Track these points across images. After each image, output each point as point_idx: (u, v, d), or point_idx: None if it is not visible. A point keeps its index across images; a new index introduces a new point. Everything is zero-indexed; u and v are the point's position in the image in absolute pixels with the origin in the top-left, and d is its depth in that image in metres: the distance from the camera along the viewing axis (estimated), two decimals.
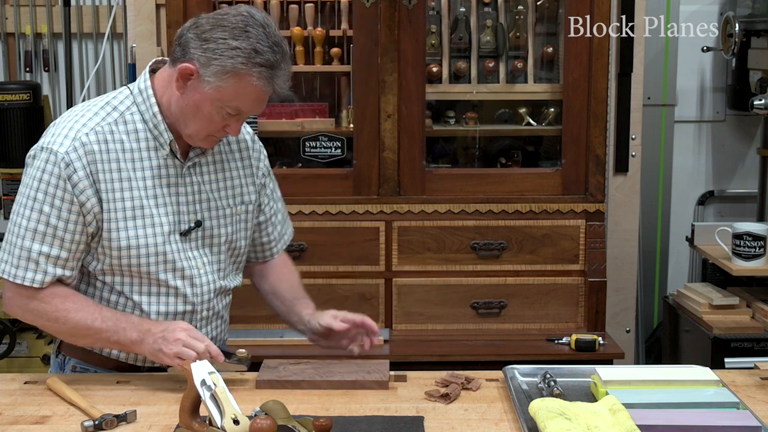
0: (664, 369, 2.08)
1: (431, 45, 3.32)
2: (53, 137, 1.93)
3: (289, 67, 1.92)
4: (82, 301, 1.97)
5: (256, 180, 2.17)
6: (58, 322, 1.96)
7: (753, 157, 3.88)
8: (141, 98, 1.99)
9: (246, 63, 1.86)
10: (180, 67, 1.90)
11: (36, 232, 1.92)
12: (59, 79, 3.77)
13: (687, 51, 3.87)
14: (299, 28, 3.34)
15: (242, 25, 1.87)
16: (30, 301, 1.95)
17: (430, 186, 3.20)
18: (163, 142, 1.98)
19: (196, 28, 1.90)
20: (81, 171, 1.91)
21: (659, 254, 3.97)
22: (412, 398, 1.92)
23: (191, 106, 1.93)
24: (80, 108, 2.00)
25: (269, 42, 1.87)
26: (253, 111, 1.98)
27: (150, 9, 3.33)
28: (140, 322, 1.97)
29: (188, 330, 1.94)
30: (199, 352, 1.90)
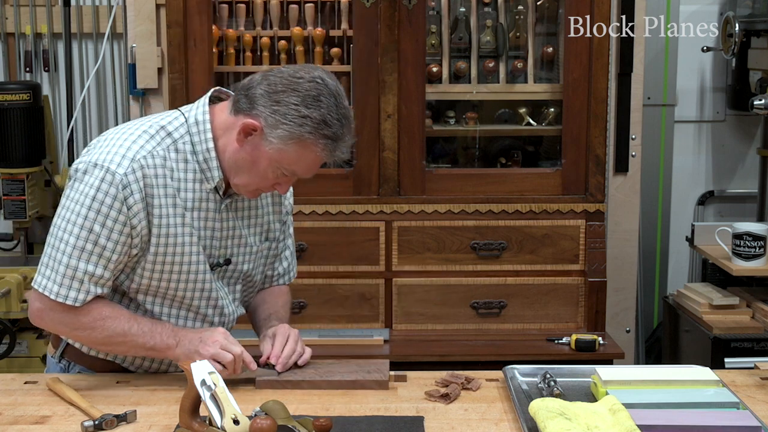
0: (664, 369, 2.08)
1: (431, 45, 3.32)
2: (108, 155, 1.89)
3: (351, 138, 1.92)
4: (117, 309, 1.96)
5: (282, 218, 2.18)
6: (94, 330, 1.94)
7: (753, 157, 3.88)
8: (196, 129, 1.95)
9: (313, 133, 1.85)
10: (244, 122, 1.88)
11: (83, 251, 1.89)
12: (59, 79, 3.77)
13: (687, 51, 3.87)
14: (299, 28, 3.34)
15: (315, 93, 1.85)
16: (65, 315, 1.92)
17: (430, 186, 3.20)
18: (209, 177, 1.96)
19: (268, 86, 1.87)
20: (137, 194, 1.89)
21: (659, 254, 3.97)
22: (412, 398, 1.92)
23: (248, 161, 1.92)
24: (133, 128, 1.96)
25: (338, 114, 1.87)
26: (306, 176, 1.97)
27: (150, 9, 3.33)
28: (175, 329, 1.98)
29: (226, 334, 1.96)
30: (236, 355, 1.92)
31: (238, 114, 1.91)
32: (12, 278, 3.21)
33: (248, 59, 3.37)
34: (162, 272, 1.96)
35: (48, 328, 2.01)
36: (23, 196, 3.40)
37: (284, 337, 2.06)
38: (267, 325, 2.15)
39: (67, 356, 2.11)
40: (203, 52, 3.17)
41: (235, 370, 1.95)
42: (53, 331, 2.03)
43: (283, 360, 2.02)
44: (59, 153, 3.69)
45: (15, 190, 3.40)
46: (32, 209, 3.44)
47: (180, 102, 3.15)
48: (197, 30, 3.15)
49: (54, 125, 3.67)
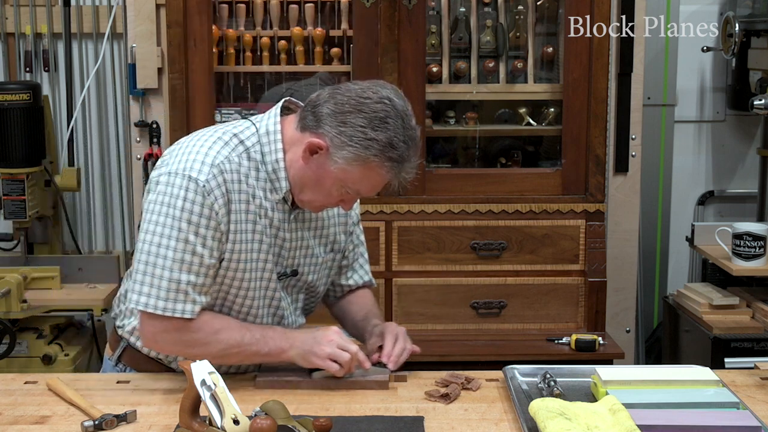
0: (664, 369, 2.08)
1: (431, 45, 3.32)
2: (188, 163, 1.89)
3: (417, 159, 1.91)
4: (226, 320, 1.97)
5: (348, 228, 2.18)
6: (209, 345, 1.93)
7: (753, 157, 3.88)
8: (267, 140, 1.95)
9: (379, 156, 1.85)
10: (310, 141, 1.88)
11: (183, 262, 1.88)
12: (59, 79, 3.76)
13: (687, 51, 3.87)
14: (299, 28, 3.34)
15: (383, 114, 1.84)
16: (181, 333, 1.92)
17: (430, 186, 3.20)
18: (278, 187, 1.96)
19: (335, 105, 1.87)
20: (221, 199, 1.89)
21: (659, 254, 3.97)
22: (412, 398, 1.92)
23: (312, 178, 1.92)
24: (207, 135, 1.96)
25: (405, 136, 1.86)
26: (370, 195, 1.97)
27: (150, 9, 3.32)
28: (286, 331, 1.99)
29: (340, 333, 1.97)
30: (352, 353, 1.93)
31: (305, 131, 1.91)
32: (12, 278, 3.21)
33: (248, 59, 3.37)
34: (233, 279, 1.96)
35: (164, 350, 2.01)
36: (23, 196, 3.39)
37: (393, 336, 2.07)
38: (369, 323, 2.14)
39: (123, 361, 2.10)
40: (203, 52, 3.17)
41: (351, 369, 1.96)
42: (167, 352, 2.02)
43: (395, 358, 2.03)
44: (59, 153, 3.69)
45: (15, 190, 3.40)
46: (32, 209, 3.44)
47: (180, 102, 3.16)
48: (197, 30, 3.15)
49: (54, 125, 3.67)
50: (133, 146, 3.43)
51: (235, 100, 3.47)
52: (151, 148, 3.39)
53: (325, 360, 1.94)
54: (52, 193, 3.60)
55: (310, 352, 1.94)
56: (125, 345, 2.09)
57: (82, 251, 3.77)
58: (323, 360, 1.94)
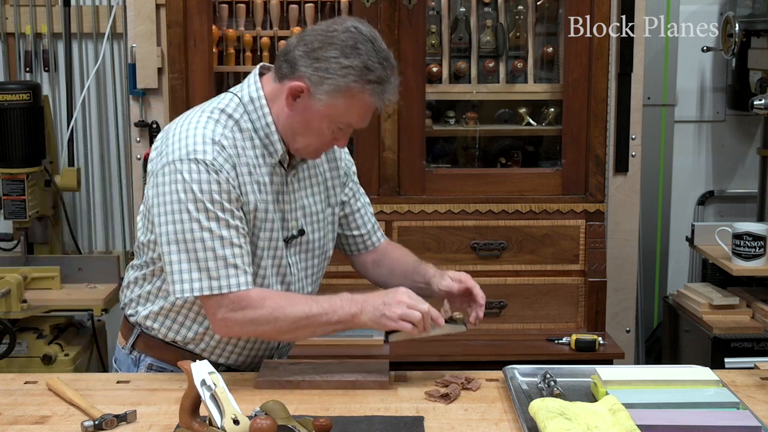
0: (664, 369, 2.08)
1: (431, 45, 3.32)
2: (189, 147, 1.89)
3: (397, 79, 1.93)
4: (288, 295, 1.98)
5: (341, 180, 2.19)
6: (278, 321, 1.92)
7: (753, 157, 3.88)
8: (252, 107, 1.97)
9: (358, 81, 1.87)
10: (290, 86, 1.90)
11: (223, 238, 1.88)
12: (59, 79, 3.76)
13: (687, 51, 3.87)
14: (299, 28, 3.34)
15: (352, 42, 1.86)
16: (246, 311, 1.91)
17: (430, 186, 3.20)
18: (273, 151, 1.98)
19: (305, 45, 1.89)
20: (232, 172, 1.91)
21: (659, 254, 3.97)
22: (412, 398, 1.92)
23: (301, 123, 1.94)
24: (194, 116, 1.97)
25: (379, 57, 1.88)
26: (361, 125, 1.98)
27: (150, 9, 3.32)
28: (354, 297, 1.96)
29: (409, 293, 1.94)
30: (423, 312, 1.90)
31: (283, 80, 1.93)
32: (12, 278, 3.21)
33: (248, 59, 3.37)
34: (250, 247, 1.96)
35: (237, 333, 1.99)
36: (23, 196, 3.39)
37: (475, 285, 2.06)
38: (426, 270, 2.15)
39: (138, 348, 2.10)
40: (203, 52, 3.17)
41: (425, 328, 1.93)
42: (243, 335, 2.01)
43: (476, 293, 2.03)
44: (59, 153, 3.69)
45: (15, 190, 3.40)
46: (32, 209, 3.44)
47: (180, 102, 3.15)
48: (197, 30, 3.15)
49: (54, 125, 3.67)
50: (133, 146, 3.44)
51: None
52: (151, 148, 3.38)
53: (398, 321, 1.91)
54: (52, 193, 3.60)
55: (382, 316, 1.91)
56: (139, 332, 2.09)
57: (82, 251, 3.77)
58: (396, 321, 1.91)
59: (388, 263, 2.26)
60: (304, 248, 2.10)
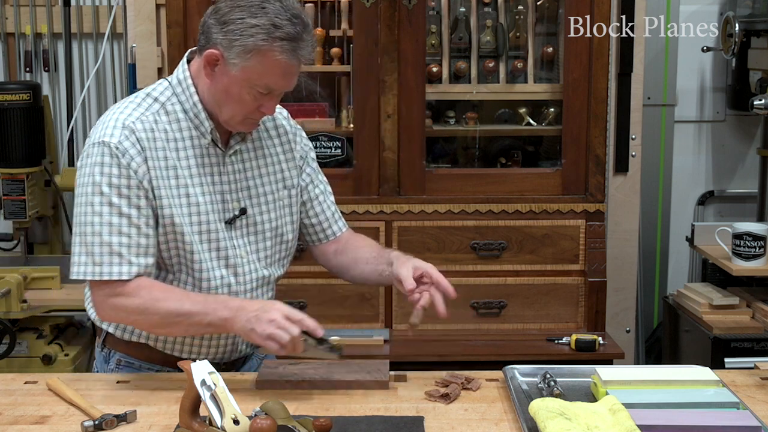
0: (664, 369, 2.08)
1: (431, 45, 3.32)
2: (101, 131, 1.93)
3: (311, 37, 1.92)
4: (169, 289, 1.97)
5: (296, 163, 2.17)
6: (148, 313, 1.93)
7: (753, 157, 3.88)
8: (180, 88, 2.00)
9: (267, 39, 1.87)
10: (205, 54, 1.93)
11: (111, 225, 1.90)
12: (59, 79, 3.76)
13: (687, 51, 3.87)
14: None
15: (258, 2, 1.88)
16: (118, 298, 1.93)
17: (430, 186, 3.20)
18: (204, 131, 1.99)
19: (216, 13, 1.92)
20: (138, 157, 1.92)
21: (659, 254, 3.97)
22: (412, 398, 1.92)
23: (222, 91, 1.94)
24: (120, 103, 2.01)
25: (288, 15, 1.88)
26: (283, 87, 1.96)
27: (150, 9, 3.33)
28: (230, 300, 1.96)
29: (284, 311, 1.90)
30: (293, 336, 1.87)
31: (201, 52, 1.96)
32: (12, 278, 3.21)
33: None
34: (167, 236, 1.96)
35: (110, 318, 2.01)
36: (23, 196, 3.40)
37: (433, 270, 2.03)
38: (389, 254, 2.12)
39: (108, 344, 2.11)
40: None
41: (296, 350, 1.90)
42: (117, 320, 2.03)
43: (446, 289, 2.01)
44: (59, 153, 3.69)
45: (15, 190, 3.40)
46: (32, 209, 3.44)
47: None
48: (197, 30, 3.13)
49: (54, 125, 3.67)
50: None
51: None
52: None
53: (266, 341, 1.87)
54: (52, 193, 3.60)
55: (251, 330, 1.88)
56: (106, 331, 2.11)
57: None
58: (263, 340, 1.87)
59: (351, 252, 2.23)
60: (252, 230, 2.07)
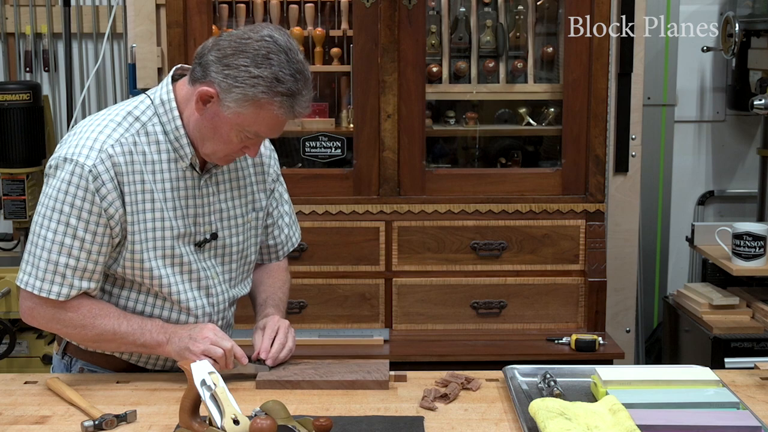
0: (664, 369, 2.08)
1: (431, 45, 3.32)
2: (77, 148, 1.90)
3: (310, 92, 1.91)
4: (106, 308, 1.97)
5: (267, 186, 2.17)
6: (85, 328, 1.95)
7: (753, 157, 3.88)
8: (163, 109, 1.97)
9: (267, 92, 1.85)
10: (200, 90, 1.89)
11: (63, 245, 1.90)
12: (59, 79, 3.77)
13: (687, 51, 3.87)
14: (299, 28, 3.34)
15: (264, 52, 1.84)
16: (55, 311, 1.94)
17: (430, 186, 3.20)
18: (183, 155, 1.97)
19: (218, 51, 1.88)
20: (109, 183, 1.89)
21: (659, 254, 3.97)
22: (412, 398, 1.92)
23: (210, 128, 1.92)
24: (100, 118, 1.97)
25: (291, 70, 1.85)
26: (271, 135, 1.98)
27: (150, 9, 3.33)
28: (165, 325, 1.99)
29: (215, 330, 1.97)
30: (226, 350, 1.93)
31: (195, 83, 1.92)
32: (12, 278, 3.21)
33: None
34: (142, 259, 1.95)
35: (41, 326, 2.03)
36: (23, 196, 3.40)
37: (273, 330, 2.07)
38: (262, 312, 2.16)
39: (69, 352, 2.12)
40: None
41: (227, 365, 1.96)
42: (47, 329, 2.04)
43: (273, 355, 2.03)
44: None
45: (15, 190, 3.40)
46: (32, 209, 3.44)
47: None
48: (197, 30, 3.15)
49: (54, 125, 3.67)
50: None
51: None
52: None
53: (200, 357, 1.91)
54: None
55: (185, 349, 1.94)
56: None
57: None
58: (198, 356, 1.91)
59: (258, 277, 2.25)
60: (220, 252, 2.08)
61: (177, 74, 2.02)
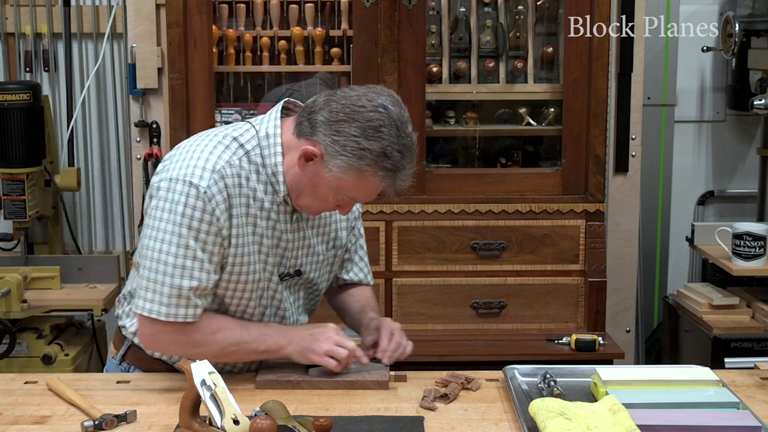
0: (664, 369, 2.08)
1: (431, 45, 3.32)
2: (189, 168, 1.89)
3: (413, 167, 1.91)
4: (223, 320, 1.98)
5: (349, 224, 2.18)
6: (207, 346, 1.95)
7: (753, 157, 3.88)
8: (267, 143, 1.95)
9: (372, 165, 1.85)
10: (305, 148, 1.88)
11: (184, 268, 1.89)
12: (59, 79, 3.76)
13: (687, 51, 3.87)
14: (299, 28, 3.34)
15: (377, 123, 1.83)
16: (179, 335, 1.93)
17: (430, 186, 3.20)
18: (278, 190, 1.96)
19: (329, 113, 1.86)
20: (222, 204, 1.89)
21: (659, 254, 3.97)
22: (412, 398, 1.92)
23: (308, 185, 1.93)
24: (206, 139, 1.96)
25: (399, 145, 1.85)
26: (366, 200, 1.99)
27: (150, 9, 3.32)
28: (283, 328, 2.01)
29: (337, 329, 1.99)
30: (350, 350, 1.96)
31: (301, 137, 1.91)
32: (12, 278, 3.21)
33: (248, 59, 3.37)
34: (236, 281, 1.96)
35: (163, 351, 2.02)
36: (23, 196, 3.39)
37: (389, 331, 2.08)
38: (365, 317, 2.15)
39: (127, 359, 2.11)
40: (203, 52, 3.17)
41: (348, 365, 1.98)
42: (167, 353, 2.03)
43: (390, 354, 2.05)
44: (59, 153, 3.69)
45: (15, 190, 3.40)
46: (32, 209, 3.44)
47: (180, 103, 3.16)
48: (197, 30, 3.15)
49: (54, 125, 3.67)
50: (133, 146, 3.43)
51: (235, 100, 3.47)
52: (151, 148, 3.39)
53: (323, 357, 1.95)
54: (52, 193, 3.60)
55: (308, 349, 1.96)
56: (129, 344, 2.10)
57: (82, 251, 3.77)
58: (321, 357, 1.96)
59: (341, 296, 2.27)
60: (299, 287, 2.10)
61: (284, 107, 2.01)
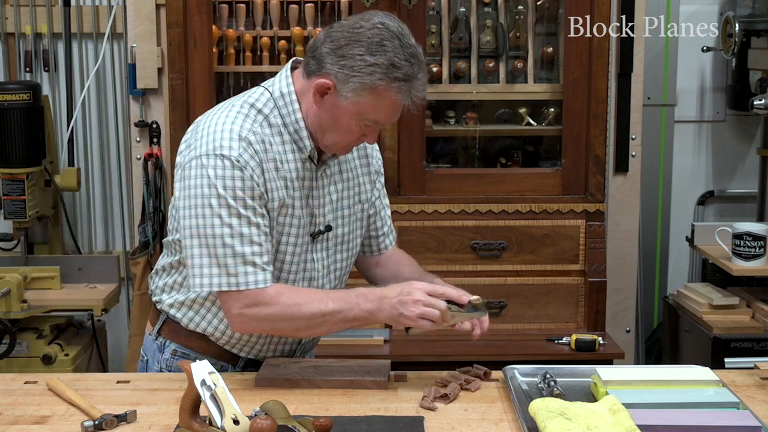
0: (664, 369, 2.08)
1: (431, 45, 3.32)
2: (215, 142, 1.89)
3: (425, 75, 1.91)
4: (305, 292, 1.97)
5: (371, 177, 2.18)
6: (294, 319, 1.93)
7: (753, 157, 3.88)
8: (283, 102, 1.97)
9: (384, 78, 1.85)
10: (317, 83, 1.90)
11: (243, 236, 1.89)
12: (59, 79, 3.76)
13: (687, 51, 3.87)
14: (299, 28, 3.34)
15: (378, 39, 1.85)
16: (261, 308, 1.92)
17: (430, 186, 3.20)
18: (302, 147, 1.97)
19: (331, 42, 1.88)
20: (257, 169, 1.90)
21: (659, 254, 3.97)
22: (412, 398, 1.92)
23: (329, 119, 1.93)
24: (224, 111, 1.97)
25: (405, 54, 1.86)
26: (390, 121, 1.99)
27: (150, 9, 3.33)
28: (370, 292, 1.96)
29: (424, 289, 1.93)
30: (441, 310, 1.91)
31: (311, 77, 1.93)
32: (12, 278, 3.21)
33: (248, 59, 3.38)
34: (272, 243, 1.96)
35: (252, 329, 2.00)
36: (23, 196, 3.40)
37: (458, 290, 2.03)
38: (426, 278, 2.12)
39: (163, 334, 2.11)
40: (203, 52, 3.17)
41: (445, 321, 1.94)
42: (259, 331, 2.02)
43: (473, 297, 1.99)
44: (59, 153, 3.69)
45: (15, 190, 3.40)
46: (32, 209, 3.44)
47: (180, 102, 3.16)
48: (197, 30, 3.15)
49: (54, 125, 3.67)
50: (133, 146, 3.44)
51: None
52: (151, 148, 3.39)
53: (417, 320, 1.91)
54: (52, 193, 3.60)
55: (400, 315, 1.92)
56: (164, 318, 2.10)
57: (82, 251, 3.77)
58: (415, 321, 1.91)
59: (393, 266, 2.25)
60: (332, 243, 2.09)
61: (292, 66, 2.02)
